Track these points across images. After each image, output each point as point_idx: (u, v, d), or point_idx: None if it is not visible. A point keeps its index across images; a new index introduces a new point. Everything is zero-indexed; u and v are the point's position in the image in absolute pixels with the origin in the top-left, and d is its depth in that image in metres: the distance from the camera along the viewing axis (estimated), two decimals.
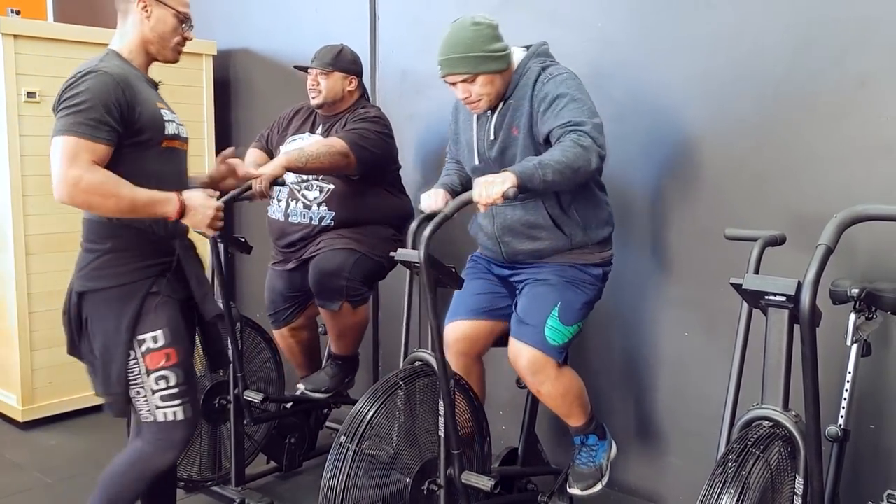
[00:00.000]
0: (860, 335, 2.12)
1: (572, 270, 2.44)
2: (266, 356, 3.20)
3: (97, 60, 2.06)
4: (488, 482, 2.20)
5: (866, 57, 2.37)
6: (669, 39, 2.78)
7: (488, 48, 2.28)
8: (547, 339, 2.36)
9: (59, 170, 1.92)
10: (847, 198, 2.32)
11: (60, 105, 1.98)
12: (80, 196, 1.94)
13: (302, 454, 3.25)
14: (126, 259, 2.09)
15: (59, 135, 1.94)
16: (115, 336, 2.06)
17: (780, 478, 1.70)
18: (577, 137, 2.15)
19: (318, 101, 3.05)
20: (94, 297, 2.08)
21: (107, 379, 2.10)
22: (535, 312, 2.39)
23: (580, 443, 2.55)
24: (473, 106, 2.36)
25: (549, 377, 2.39)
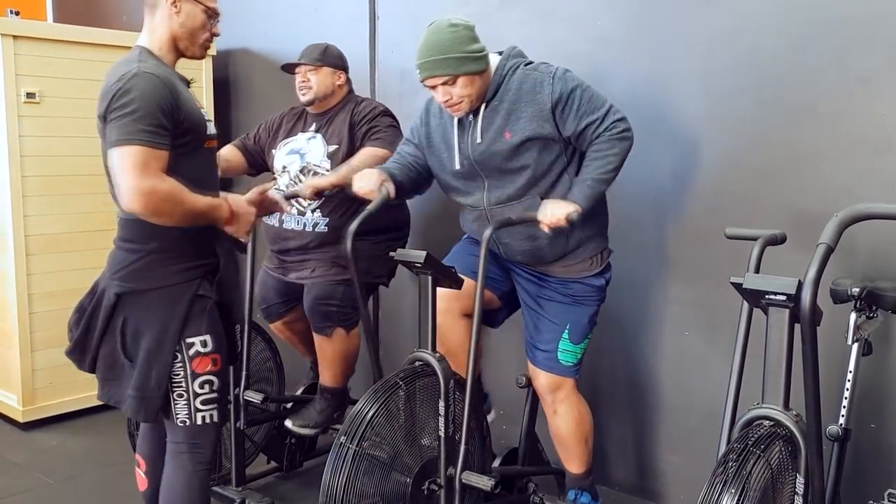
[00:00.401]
0: (861, 334, 2.12)
1: (576, 286, 2.46)
2: (266, 356, 3.20)
3: (135, 60, 1.99)
4: (488, 482, 2.20)
5: (866, 55, 2.37)
6: (669, 38, 2.77)
7: (467, 49, 2.26)
8: (561, 363, 2.47)
9: (132, 181, 1.86)
10: (847, 196, 2.32)
11: (113, 110, 1.90)
12: (154, 206, 1.90)
13: (302, 454, 3.25)
14: (172, 260, 2.03)
15: (123, 144, 1.87)
16: (161, 338, 2.01)
17: (780, 477, 1.70)
18: (609, 134, 2.28)
19: (308, 97, 3.04)
20: (138, 299, 2.02)
21: (145, 381, 2.02)
22: (546, 339, 2.46)
23: (574, 498, 2.59)
24: (455, 109, 2.33)
25: (567, 396, 2.50)
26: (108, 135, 1.91)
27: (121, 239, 2.07)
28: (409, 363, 2.36)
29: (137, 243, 2.03)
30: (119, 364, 2.07)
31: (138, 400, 2.04)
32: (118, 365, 2.07)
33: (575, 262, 2.45)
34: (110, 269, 2.06)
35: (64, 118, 3.64)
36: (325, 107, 3.08)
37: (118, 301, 2.03)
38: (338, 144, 2.99)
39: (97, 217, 3.70)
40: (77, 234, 3.71)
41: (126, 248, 2.05)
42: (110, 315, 2.04)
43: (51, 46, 3.60)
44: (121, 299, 2.03)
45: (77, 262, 3.67)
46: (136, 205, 1.89)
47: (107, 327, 2.06)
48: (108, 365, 2.09)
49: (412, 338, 2.45)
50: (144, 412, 2.05)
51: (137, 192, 1.87)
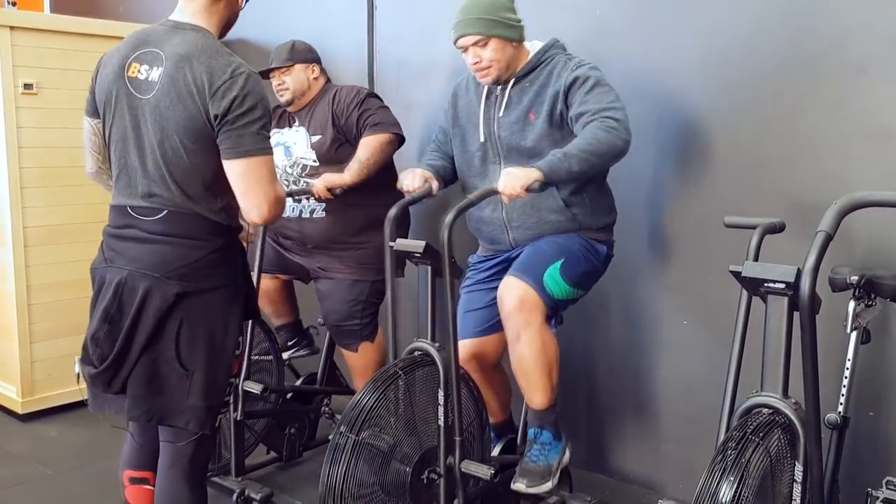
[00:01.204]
0: (859, 322, 2.12)
1: (577, 239, 2.44)
2: (265, 347, 3.20)
3: (226, 52, 1.87)
4: (488, 471, 2.21)
5: (865, 43, 2.37)
6: (667, 27, 2.76)
7: (503, 15, 2.33)
8: (544, 284, 2.30)
9: (271, 192, 1.83)
10: (846, 185, 2.32)
11: (240, 116, 1.79)
12: (280, 211, 1.90)
13: (302, 444, 3.26)
14: (233, 256, 1.95)
15: (259, 154, 1.81)
16: (224, 340, 1.89)
17: (779, 465, 1.71)
18: (601, 123, 2.20)
19: (287, 97, 3.09)
20: (201, 298, 1.86)
21: (211, 388, 1.87)
22: (536, 261, 2.36)
23: (533, 436, 2.42)
24: (483, 73, 2.37)
25: (533, 322, 2.28)
26: (227, 140, 1.80)
27: (169, 234, 1.85)
28: (408, 353, 2.36)
29: (203, 239, 1.87)
30: (163, 374, 1.86)
31: (205, 410, 1.87)
32: (161, 376, 1.86)
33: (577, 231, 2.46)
34: (161, 266, 1.83)
35: (62, 109, 3.62)
36: (304, 102, 3.11)
37: (176, 301, 1.83)
38: (321, 134, 3.02)
39: (96, 208, 3.68)
40: (76, 225, 3.71)
41: (185, 243, 1.85)
42: (164, 318, 1.83)
43: (48, 37, 3.59)
44: (180, 300, 1.83)
45: (76, 253, 3.67)
46: (274, 214, 1.86)
47: (158, 332, 1.84)
48: (148, 378, 1.86)
49: (411, 328, 2.45)
50: (210, 422, 1.90)
51: (276, 203, 1.85)
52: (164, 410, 1.87)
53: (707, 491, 1.62)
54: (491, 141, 2.42)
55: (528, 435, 2.45)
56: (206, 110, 1.79)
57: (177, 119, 1.81)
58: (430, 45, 3.42)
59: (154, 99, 1.82)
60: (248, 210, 1.85)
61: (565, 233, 2.44)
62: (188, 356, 1.85)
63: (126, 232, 1.88)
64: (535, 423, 2.42)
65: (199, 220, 1.87)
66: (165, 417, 1.88)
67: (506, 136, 2.39)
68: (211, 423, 1.91)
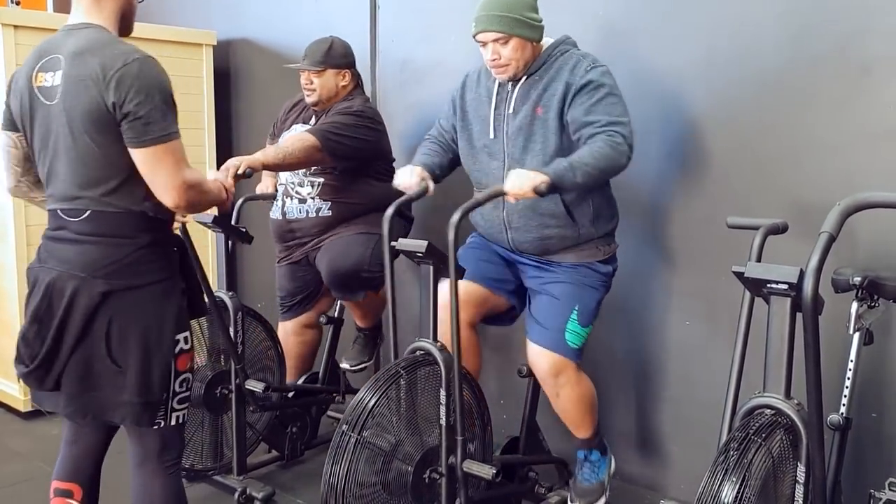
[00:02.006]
0: (862, 323, 2.12)
1: (585, 270, 2.46)
2: (267, 346, 3.20)
3: (118, 41, 1.87)
4: (490, 471, 2.21)
5: (869, 43, 2.36)
6: (670, 27, 2.76)
7: (526, 14, 2.31)
8: (567, 343, 2.43)
9: (178, 177, 1.80)
10: (849, 185, 2.31)
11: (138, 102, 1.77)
12: (195, 197, 1.85)
13: (303, 443, 3.26)
14: (164, 252, 1.94)
15: (165, 140, 1.79)
16: (159, 337, 1.89)
17: (781, 466, 1.70)
18: (608, 138, 2.22)
19: (313, 98, 3.09)
20: (131, 295, 1.86)
21: (145, 385, 1.88)
22: (554, 316, 2.43)
23: (583, 457, 2.60)
24: (501, 70, 2.37)
25: (569, 380, 2.46)
26: (130, 129, 1.78)
27: (94, 234, 1.87)
28: (410, 352, 2.36)
29: (127, 237, 1.88)
30: (97, 371, 1.88)
31: (141, 406, 1.88)
32: (95, 373, 1.88)
33: (580, 251, 2.47)
34: (88, 266, 1.85)
35: None
36: (329, 105, 3.11)
37: (102, 300, 1.85)
38: None
39: None
40: None
41: (107, 242, 1.87)
42: (92, 317, 1.85)
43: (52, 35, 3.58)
44: (107, 298, 1.85)
45: None
46: (183, 199, 1.82)
47: (85, 331, 1.86)
48: (81, 375, 1.88)
49: (413, 328, 2.45)
50: (149, 417, 1.91)
51: (185, 187, 1.81)
52: (98, 407, 1.91)
53: (709, 492, 1.62)
54: (498, 138, 2.42)
55: (578, 456, 2.63)
56: (103, 99, 1.78)
57: (81, 115, 1.81)
58: (433, 45, 3.42)
59: (60, 101, 1.84)
60: (159, 197, 1.83)
61: (565, 249, 2.45)
62: (120, 353, 1.87)
63: (59, 234, 1.91)
64: (582, 447, 2.61)
65: (124, 216, 1.87)
66: (101, 413, 1.92)
67: (513, 132, 2.39)
68: (149, 418, 1.91)
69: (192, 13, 4.36)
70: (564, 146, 2.33)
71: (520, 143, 2.38)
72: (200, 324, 3.01)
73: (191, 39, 4.07)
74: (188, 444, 2.97)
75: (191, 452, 2.99)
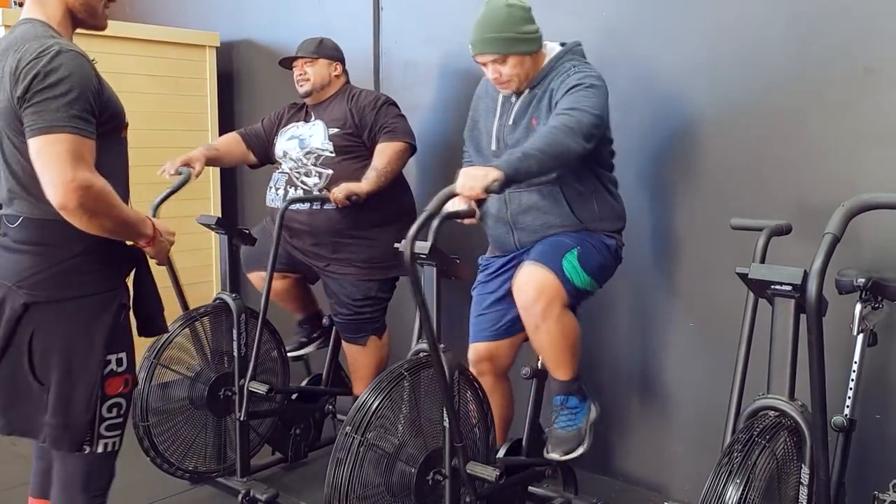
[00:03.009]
0: (866, 325, 2.12)
1: (587, 234, 2.42)
2: (270, 347, 3.20)
3: (45, 35, 1.71)
4: (493, 472, 2.20)
5: (872, 45, 2.36)
6: (674, 28, 2.76)
7: (520, 29, 2.30)
8: (564, 270, 2.27)
9: (67, 172, 1.60)
10: (853, 187, 2.31)
11: (38, 92, 1.62)
12: (90, 203, 1.64)
13: (307, 445, 3.26)
14: (98, 264, 1.77)
15: (54, 131, 1.62)
16: (86, 354, 1.75)
17: (785, 468, 1.70)
18: (566, 118, 2.16)
19: (306, 88, 3.11)
20: (52, 309, 1.73)
21: (66, 405, 1.74)
22: (552, 249, 2.34)
23: (560, 404, 2.44)
24: (504, 86, 2.38)
25: (555, 309, 2.26)
26: (27, 120, 1.64)
27: (25, 242, 1.74)
28: (413, 354, 2.36)
29: (55, 247, 1.73)
30: (21, 387, 1.76)
31: (60, 428, 1.75)
32: (20, 388, 1.76)
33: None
34: (16, 275, 1.73)
35: None
36: (322, 97, 3.13)
37: (25, 312, 1.72)
38: (338, 127, 3.04)
39: None
40: None
41: (35, 251, 1.74)
42: (14, 329, 1.73)
43: None
44: (29, 310, 1.72)
45: None
46: (71, 200, 1.62)
47: (8, 344, 1.74)
48: (7, 389, 1.77)
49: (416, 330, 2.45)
50: (70, 441, 1.77)
51: (73, 186, 1.60)
52: (22, 424, 1.81)
53: (713, 493, 1.61)
54: (500, 150, 2.42)
55: (554, 402, 2.45)
56: (12, 95, 1.66)
57: (2, 115, 1.70)
58: (437, 47, 3.42)
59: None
60: (48, 195, 1.64)
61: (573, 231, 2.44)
62: (42, 370, 1.75)
63: (2, 241, 1.81)
64: (560, 391, 2.45)
65: (55, 225, 1.70)
66: (26, 431, 1.81)
67: (512, 144, 2.38)
68: (69, 443, 1.77)
69: (195, 15, 4.37)
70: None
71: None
72: (204, 325, 3.02)
73: (194, 41, 4.08)
74: (191, 446, 2.98)
75: (194, 455, 3.00)
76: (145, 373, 2.86)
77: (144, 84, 3.88)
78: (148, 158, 3.84)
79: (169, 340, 2.91)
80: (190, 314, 2.99)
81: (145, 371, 2.86)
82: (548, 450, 2.43)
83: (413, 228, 1.99)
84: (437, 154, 3.39)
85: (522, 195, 2.41)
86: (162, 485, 2.98)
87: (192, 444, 2.99)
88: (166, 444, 2.91)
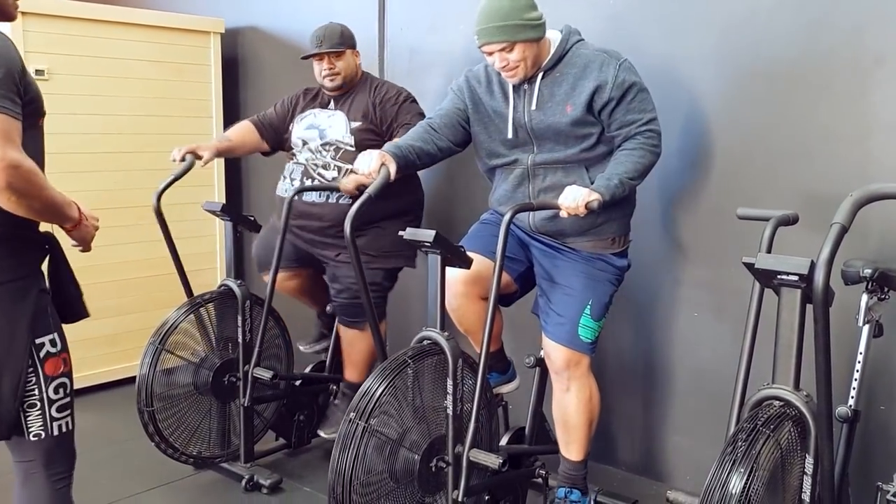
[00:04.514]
0: (872, 316, 2.11)
1: (600, 263, 2.46)
2: (275, 333, 3.21)
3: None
4: (496, 460, 2.21)
5: (882, 34, 2.34)
6: (682, 18, 2.74)
7: (525, 17, 2.30)
8: (580, 338, 2.44)
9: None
10: (861, 177, 2.30)
11: None
12: (19, 183, 1.59)
13: (311, 431, 3.27)
14: (16, 249, 1.74)
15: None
16: (9, 342, 1.72)
17: (790, 457, 1.70)
18: (646, 140, 2.34)
19: (337, 82, 3.04)
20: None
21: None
22: (568, 310, 2.43)
23: (563, 496, 2.54)
24: (511, 74, 2.37)
25: (581, 375, 2.47)
26: None
27: None
28: (417, 342, 2.36)
29: None
30: None
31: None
32: None
33: (597, 238, 2.46)
34: None
35: (74, 95, 3.63)
36: (347, 87, 3.09)
37: None
38: (361, 121, 3.00)
39: (108, 194, 3.70)
40: None
41: None
42: None
43: (59, 23, 3.58)
44: None
45: None
46: (1, 179, 1.58)
47: None
48: None
49: (420, 317, 2.45)
50: (5, 430, 1.75)
51: (3, 165, 1.57)
52: None
53: (717, 483, 1.61)
54: (521, 134, 2.42)
55: (558, 495, 2.56)
56: None
57: None
58: (442, 34, 3.40)
59: None
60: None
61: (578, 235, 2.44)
62: None
63: None
64: (566, 481, 2.56)
65: None
66: None
67: (542, 128, 2.39)
68: (5, 431, 1.75)
69: (199, 1, 4.35)
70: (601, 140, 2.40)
71: (550, 135, 2.39)
72: (209, 311, 3.02)
73: (199, 27, 4.07)
74: (195, 431, 2.99)
75: (198, 440, 3.01)
76: (150, 358, 2.86)
77: (148, 70, 3.88)
78: (151, 145, 3.86)
79: (174, 326, 2.92)
80: (195, 300, 3.00)
81: (150, 356, 2.87)
82: None
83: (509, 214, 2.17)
84: None
85: (548, 172, 2.42)
86: (166, 469, 2.99)
87: (196, 430, 3.00)
88: (171, 430, 2.92)
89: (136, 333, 3.75)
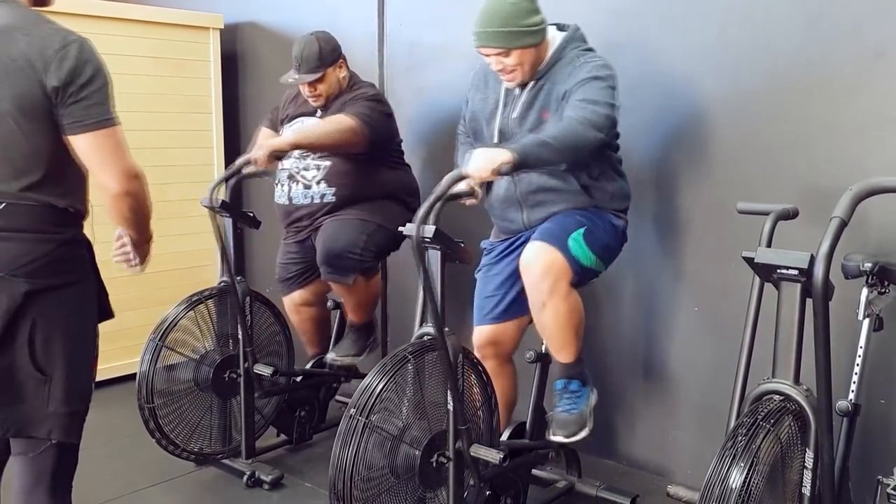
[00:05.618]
0: (872, 310, 2.11)
1: (594, 213, 2.43)
2: (275, 330, 3.21)
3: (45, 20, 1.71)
4: (497, 455, 2.21)
5: (883, 27, 2.33)
6: (681, 10, 2.74)
7: (524, 22, 2.27)
8: (569, 248, 2.29)
9: (126, 162, 1.70)
10: (861, 171, 2.29)
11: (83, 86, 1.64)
12: (138, 191, 1.74)
13: (312, 427, 3.28)
14: (83, 249, 1.80)
15: (108, 125, 1.67)
16: (83, 340, 1.76)
17: (790, 452, 1.70)
18: (579, 112, 2.18)
19: (320, 103, 3.07)
20: (54, 295, 1.70)
21: (75, 391, 1.73)
22: (559, 228, 2.35)
23: (563, 387, 2.47)
24: (509, 77, 2.36)
25: (561, 287, 2.28)
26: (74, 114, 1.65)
27: (15, 229, 1.67)
28: (418, 337, 2.36)
29: (49, 232, 1.70)
30: (18, 382, 1.69)
31: (69, 416, 1.72)
32: (16, 384, 1.69)
33: None
34: (7, 264, 1.66)
35: None
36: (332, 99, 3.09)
37: (25, 301, 1.66)
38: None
39: None
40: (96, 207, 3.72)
41: (32, 238, 1.68)
42: (14, 321, 1.66)
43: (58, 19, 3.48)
44: (30, 299, 1.67)
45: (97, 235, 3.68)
46: (132, 186, 1.71)
47: (6, 337, 1.67)
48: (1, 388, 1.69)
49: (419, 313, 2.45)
50: (77, 430, 1.75)
51: (133, 173, 1.71)
52: (21, 421, 1.71)
53: (717, 477, 1.61)
54: (505, 140, 2.41)
55: (556, 386, 2.49)
56: (41, 83, 1.62)
57: (7, 98, 1.63)
58: (441, 29, 3.40)
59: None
60: (105, 185, 1.70)
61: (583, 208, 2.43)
62: (45, 359, 1.70)
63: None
64: (562, 375, 2.47)
65: (44, 210, 1.69)
66: (23, 429, 1.72)
67: (522, 136, 2.36)
68: (77, 431, 1.76)
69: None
70: None
71: None
72: (209, 307, 3.03)
73: (198, 23, 4.06)
74: (196, 427, 3.00)
75: (200, 436, 3.02)
76: (150, 355, 2.87)
77: (147, 66, 3.87)
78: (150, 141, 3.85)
79: (174, 323, 2.92)
80: (195, 297, 3.00)
81: (150, 353, 2.87)
82: (552, 432, 2.45)
83: (421, 211, 2.02)
84: (442, 135, 3.37)
85: (532, 175, 2.41)
86: (167, 466, 3.00)
87: (197, 426, 3.00)
88: (172, 426, 2.92)
89: (136, 330, 3.74)
